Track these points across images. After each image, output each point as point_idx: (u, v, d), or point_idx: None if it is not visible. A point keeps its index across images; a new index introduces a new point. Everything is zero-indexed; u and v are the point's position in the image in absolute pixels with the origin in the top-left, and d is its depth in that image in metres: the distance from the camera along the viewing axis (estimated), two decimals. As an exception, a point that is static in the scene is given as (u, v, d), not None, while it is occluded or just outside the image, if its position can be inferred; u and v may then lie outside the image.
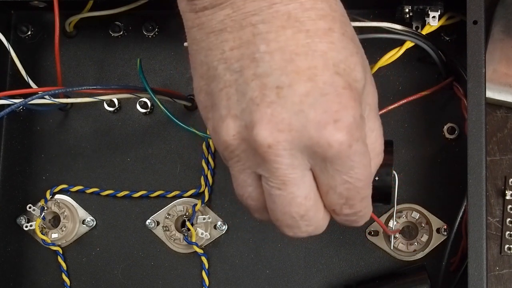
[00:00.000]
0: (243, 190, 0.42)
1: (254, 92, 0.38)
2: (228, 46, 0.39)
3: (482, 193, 0.51)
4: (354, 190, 0.41)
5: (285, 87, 0.38)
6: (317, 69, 0.38)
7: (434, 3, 0.56)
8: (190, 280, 0.61)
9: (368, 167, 0.40)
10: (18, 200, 0.63)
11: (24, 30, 0.63)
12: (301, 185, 0.40)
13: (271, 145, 0.38)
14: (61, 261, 0.62)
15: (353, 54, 0.39)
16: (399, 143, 0.60)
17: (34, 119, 0.63)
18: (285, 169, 0.39)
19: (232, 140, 0.39)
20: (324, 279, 0.60)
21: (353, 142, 0.38)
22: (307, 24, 0.38)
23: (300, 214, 0.41)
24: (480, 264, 0.50)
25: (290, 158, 0.39)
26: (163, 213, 0.61)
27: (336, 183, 0.40)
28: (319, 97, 0.38)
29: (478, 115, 0.52)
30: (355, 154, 0.39)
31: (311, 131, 0.38)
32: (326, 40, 0.39)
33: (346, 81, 0.38)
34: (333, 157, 0.39)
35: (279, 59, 0.38)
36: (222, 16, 0.39)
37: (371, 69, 0.57)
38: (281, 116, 0.38)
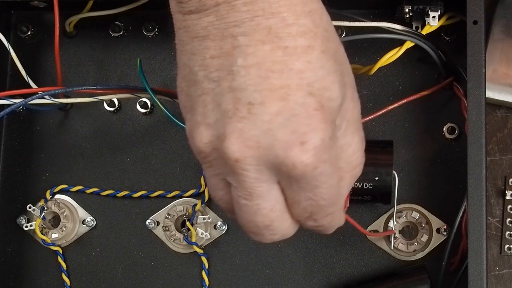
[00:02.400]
0: (215, 193, 0.43)
1: (228, 104, 0.38)
2: (209, 54, 0.39)
3: (482, 193, 0.51)
4: (317, 207, 0.41)
5: (257, 104, 0.38)
6: (290, 89, 0.38)
7: (434, 3, 0.56)
8: (190, 280, 0.61)
9: (333, 187, 0.41)
10: (18, 200, 0.63)
11: (24, 30, 0.63)
12: (267, 197, 0.41)
13: (239, 159, 0.39)
14: (61, 261, 0.62)
15: (330, 73, 0.39)
16: (399, 143, 0.60)
17: (34, 119, 0.63)
18: (252, 182, 0.40)
19: (204, 147, 0.40)
20: (324, 279, 0.60)
21: (319, 164, 0.39)
22: (287, 40, 0.38)
23: (264, 224, 0.42)
24: (480, 264, 0.51)
25: (257, 173, 0.39)
26: (163, 213, 0.61)
27: (300, 198, 0.41)
28: (289, 117, 0.38)
29: (478, 115, 0.52)
30: (321, 175, 0.39)
31: (277, 151, 0.38)
32: (304, 59, 0.38)
33: (318, 102, 0.38)
34: (297, 177, 0.39)
35: (255, 74, 0.38)
36: (206, 22, 0.39)
37: (371, 69, 0.57)
38: (251, 132, 0.38)
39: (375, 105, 0.60)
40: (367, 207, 0.60)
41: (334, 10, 0.58)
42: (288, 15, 0.38)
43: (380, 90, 0.61)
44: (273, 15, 0.38)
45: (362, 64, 0.60)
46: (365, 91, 0.61)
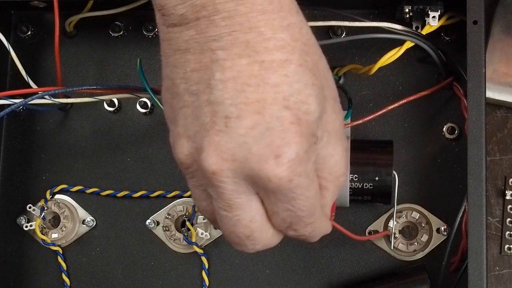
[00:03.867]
0: (199, 203, 0.43)
1: (206, 117, 0.39)
2: (190, 67, 0.39)
3: (482, 193, 0.51)
4: (296, 218, 0.42)
5: (233, 118, 0.38)
6: (265, 102, 0.38)
7: (434, 3, 0.56)
8: (190, 280, 0.61)
9: (311, 198, 0.41)
10: (18, 200, 0.63)
11: (24, 30, 0.63)
12: (246, 208, 0.41)
13: (215, 172, 0.39)
14: (61, 261, 0.62)
15: (307, 86, 0.39)
16: (399, 143, 0.60)
17: (34, 119, 0.63)
18: (230, 194, 0.40)
19: (185, 159, 0.41)
20: (324, 279, 0.60)
21: (295, 176, 0.39)
22: (263, 54, 0.38)
23: (245, 234, 0.42)
24: (480, 264, 0.51)
25: (234, 185, 0.40)
26: (163, 213, 0.61)
27: (278, 209, 0.41)
28: (264, 131, 0.38)
29: (478, 115, 0.52)
30: (296, 187, 0.40)
31: (252, 164, 0.39)
32: (280, 73, 0.39)
33: (295, 115, 0.39)
34: (273, 189, 0.40)
35: (231, 88, 0.38)
36: (187, 36, 0.39)
37: (371, 69, 0.57)
38: (227, 145, 0.39)
39: (375, 105, 0.60)
40: (367, 207, 0.60)
41: (334, 10, 0.58)
42: (266, 29, 0.39)
43: (380, 90, 0.61)
44: (251, 29, 0.39)
45: (362, 64, 0.60)
46: (365, 91, 0.61)
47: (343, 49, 0.61)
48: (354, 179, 0.55)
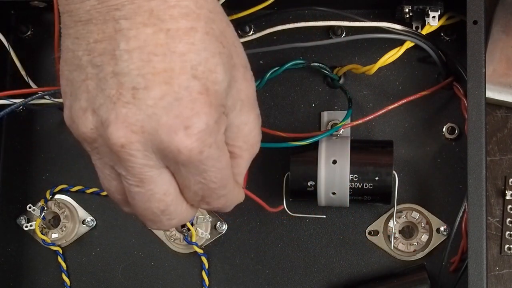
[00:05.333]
0: (108, 184, 0.42)
1: (111, 90, 0.38)
2: (93, 38, 0.38)
3: (482, 193, 0.51)
4: (208, 191, 0.41)
5: (141, 89, 0.37)
6: (173, 72, 0.38)
7: (434, 3, 0.56)
8: (190, 280, 0.61)
9: (222, 170, 0.41)
10: (18, 200, 0.63)
11: (24, 30, 0.63)
12: (158, 182, 0.40)
13: (124, 145, 0.38)
14: (61, 261, 0.62)
15: (214, 55, 0.39)
16: (399, 143, 0.60)
17: (34, 119, 0.63)
18: (141, 168, 0.39)
19: (90, 134, 0.39)
20: (324, 279, 0.60)
21: (205, 148, 0.39)
22: (169, 23, 0.38)
23: (160, 209, 0.41)
24: (480, 264, 0.51)
25: (144, 158, 0.39)
26: (163, 213, 0.61)
27: (190, 183, 0.41)
28: (173, 101, 0.38)
29: (478, 115, 0.52)
30: (207, 159, 0.39)
31: (162, 136, 0.38)
32: (186, 41, 0.38)
33: (203, 85, 0.38)
34: (184, 162, 0.39)
35: (137, 58, 0.37)
36: (88, 6, 0.38)
37: (371, 69, 0.57)
38: (135, 117, 0.38)
39: (375, 105, 0.60)
40: (367, 207, 0.60)
41: (334, 10, 0.58)
42: None
43: (380, 90, 0.61)
44: None
45: (362, 64, 0.60)
46: (365, 91, 0.61)
47: (343, 49, 0.61)
48: (354, 179, 0.55)
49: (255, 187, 0.61)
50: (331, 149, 0.55)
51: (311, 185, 0.55)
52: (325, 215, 0.60)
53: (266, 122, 0.61)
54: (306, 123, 0.61)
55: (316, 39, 0.61)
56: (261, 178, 0.61)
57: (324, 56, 0.61)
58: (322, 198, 0.55)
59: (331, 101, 0.61)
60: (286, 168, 0.57)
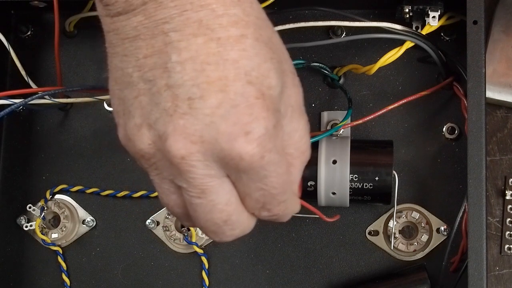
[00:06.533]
0: (168, 198, 0.42)
1: (167, 102, 0.38)
2: (142, 53, 0.38)
3: (482, 193, 0.51)
4: (269, 197, 0.41)
5: (197, 99, 0.37)
6: (228, 79, 0.37)
7: (434, 3, 0.56)
8: (190, 280, 0.61)
9: (283, 175, 0.40)
10: (18, 200, 0.63)
11: (24, 30, 0.63)
12: (220, 192, 0.40)
13: (184, 156, 0.38)
14: (61, 261, 0.62)
15: (266, 60, 0.39)
16: (399, 143, 0.60)
17: (34, 119, 0.63)
18: (202, 179, 0.39)
19: (148, 149, 0.39)
20: (324, 279, 0.60)
21: (266, 153, 0.38)
22: (218, 31, 0.38)
23: (223, 220, 0.41)
24: (480, 264, 0.51)
25: (205, 169, 0.39)
26: (163, 213, 0.61)
27: (251, 190, 0.40)
28: (230, 108, 0.37)
29: (478, 115, 0.52)
30: (268, 164, 0.39)
31: (222, 144, 0.38)
32: (238, 48, 0.38)
33: (258, 90, 0.38)
34: (245, 168, 0.39)
35: (190, 69, 0.37)
36: (135, 22, 0.38)
37: (371, 69, 0.57)
38: (194, 127, 0.37)
39: (375, 105, 0.60)
40: (367, 207, 0.60)
41: (334, 10, 0.58)
42: (217, 6, 0.38)
43: (380, 90, 0.61)
44: (202, 7, 0.38)
45: (362, 64, 0.60)
46: (365, 91, 0.61)
47: (343, 49, 0.61)
48: (354, 179, 0.55)
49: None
50: (331, 149, 0.55)
51: (311, 185, 0.55)
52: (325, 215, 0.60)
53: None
54: (306, 123, 0.61)
55: (316, 39, 0.61)
56: (261, 178, 0.61)
57: (324, 56, 0.61)
58: (322, 198, 0.55)
59: (331, 101, 0.61)
60: (286, 168, 0.57)
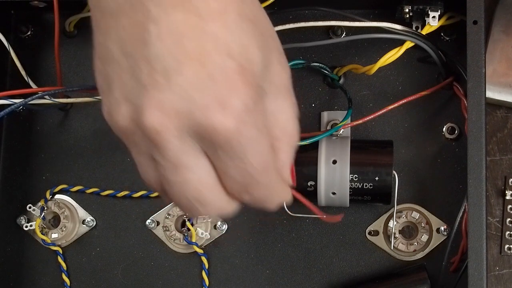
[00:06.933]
0: (146, 174, 0.41)
1: (144, 75, 0.37)
2: (122, 27, 0.38)
3: (482, 193, 0.51)
4: (248, 177, 0.39)
5: (173, 71, 0.37)
6: (206, 52, 0.37)
7: (434, 3, 0.56)
8: (190, 280, 0.61)
9: (263, 154, 0.39)
10: (18, 200, 0.63)
11: (24, 30, 0.63)
12: (193, 168, 0.39)
13: (159, 130, 0.37)
14: (61, 261, 0.62)
15: (249, 35, 0.38)
16: (399, 143, 0.60)
17: (34, 119, 0.63)
18: (176, 154, 0.38)
19: (126, 124, 0.39)
20: (324, 279, 0.60)
21: (243, 128, 0.37)
22: (199, 5, 0.37)
23: (194, 197, 0.40)
24: (480, 264, 0.51)
25: (180, 143, 0.38)
26: (163, 213, 0.61)
27: (228, 168, 0.39)
28: (208, 81, 0.37)
29: (478, 115, 0.52)
30: (246, 139, 0.38)
31: (198, 117, 0.37)
32: (219, 21, 0.37)
33: (239, 65, 0.37)
34: (221, 143, 0.38)
35: (168, 41, 0.37)
36: None
37: (371, 69, 0.57)
38: (169, 100, 0.37)
39: (375, 105, 0.60)
40: (367, 207, 0.60)
41: (334, 10, 0.58)
42: None
43: (380, 90, 0.61)
44: None
45: (362, 64, 0.60)
46: (365, 91, 0.61)
47: (343, 49, 0.61)
48: (354, 179, 0.55)
49: (255, 187, 0.61)
50: (331, 149, 0.55)
51: (311, 185, 0.55)
52: (325, 215, 0.60)
53: (266, 122, 0.61)
54: (306, 123, 0.61)
55: (316, 39, 0.61)
56: (261, 178, 0.61)
57: (324, 56, 0.61)
58: (322, 198, 0.55)
59: (331, 101, 0.61)
60: (286, 168, 0.57)
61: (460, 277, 0.56)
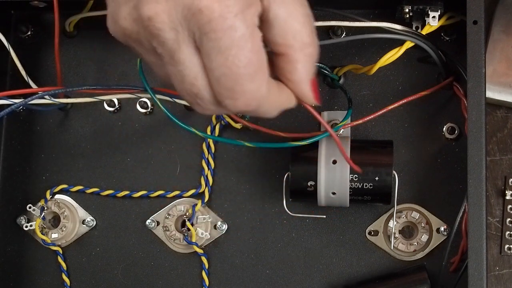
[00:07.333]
0: (158, 70, 0.42)
1: None
2: None
3: (482, 193, 0.51)
4: (231, 77, 0.39)
5: None
6: None
7: (434, 3, 0.56)
8: (190, 280, 0.61)
9: (251, 53, 0.39)
10: (18, 200, 0.63)
11: (24, 30, 0.63)
12: (187, 63, 0.40)
13: (151, 17, 0.39)
14: (61, 261, 0.62)
15: None
16: (399, 143, 0.60)
17: (34, 119, 0.63)
18: (171, 43, 0.39)
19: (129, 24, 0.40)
20: (324, 279, 0.60)
21: (227, 14, 0.38)
22: None
23: (193, 92, 0.41)
24: (480, 264, 0.51)
25: (172, 32, 0.39)
26: (163, 213, 0.61)
27: (212, 64, 0.39)
28: None
29: (478, 115, 0.52)
30: (231, 30, 0.38)
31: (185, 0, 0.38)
32: None
33: None
34: (206, 25, 0.38)
35: None
36: None
37: (371, 69, 0.57)
38: None
39: (375, 105, 0.60)
40: (367, 207, 0.60)
41: (334, 10, 0.58)
42: None
43: (380, 90, 0.61)
44: None
45: (362, 64, 0.60)
46: (365, 91, 0.61)
47: (343, 49, 0.61)
48: (354, 179, 0.55)
49: (256, 187, 0.61)
50: (331, 149, 0.55)
51: (311, 185, 0.55)
52: (325, 215, 0.60)
53: (266, 122, 0.61)
54: (306, 123, 0.61)
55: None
56: (261, 178, 0.61)
57: (324, 56, 0.61)
58: (322, 198, 0.55)
59: (331, 101, 0.61)
60: (286, 168, 0.57)
61: (460, 277, 0.56)
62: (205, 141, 0.61)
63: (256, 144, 0.55)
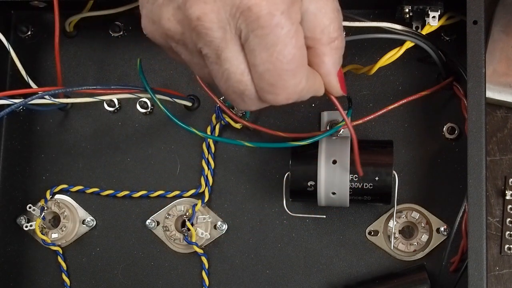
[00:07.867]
0: (200, 71, 0.43)
1: None
2: None
3: (482, 193, 0.51)
4: (274, 72, 0.40)
5: None
6: None
7: (434, 3, 0.56)
8: (190, 280, 0.61)
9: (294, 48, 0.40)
10: (18, 200, 0.63)
11: (24, 30, 0.63)
12: (234, 61, 0.41)
13: (199, 17, 0.39)
14: (61, 261, 0.62)
15: None
16: (399, 143, 0.60)
17: (34, 119, 0.63)
18: (219, 42, 0.40)
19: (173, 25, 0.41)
20: (324, 279, 0.60)
21: (275, 11, 0.39)
22: None
23: (240, 89, 0.42)
24: (480, 264, 0.51)
25: (220, 31, 0.40)
26: (163, 213, 0.61)
27: (256, 60, 0.40)
28: None
29: (478, 115, 0.52)
30: (277, 27, 0.39)
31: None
32: None
33: None
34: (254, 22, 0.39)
35: None
36: None
37: (371, 69, 0.57)
38: None
39: (375, 105, 0.60)
40: (367, 207, 0.60)
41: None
42: None
43: (380, 90, 0.61)
44: None
45: (362, 64, 0.60)
46: (365, 91, 0.61)
47: (343, 49, 0.61)
48: (354, 179, 0.55)
49: (255, 187, 0.61)
50: (331, 149, 0.55)
51: (311, 185, 0.55)
52: (325, 215, 0.60)
53: (266, 122, 0.61)
54: (306, 123, 0.61)
55: None
56: (261, 178, 0.61)
57: (324, 56, 0.61)
58: (322, 198, 0.55)
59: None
60: (286, 168, 0.57)
61: (460, 277, 0.56)
62: (205, 141, 0.61)
63: (256, 144, 0.55)
